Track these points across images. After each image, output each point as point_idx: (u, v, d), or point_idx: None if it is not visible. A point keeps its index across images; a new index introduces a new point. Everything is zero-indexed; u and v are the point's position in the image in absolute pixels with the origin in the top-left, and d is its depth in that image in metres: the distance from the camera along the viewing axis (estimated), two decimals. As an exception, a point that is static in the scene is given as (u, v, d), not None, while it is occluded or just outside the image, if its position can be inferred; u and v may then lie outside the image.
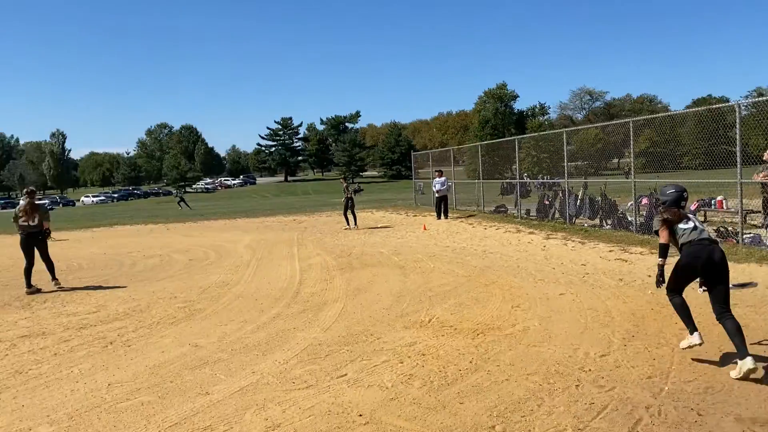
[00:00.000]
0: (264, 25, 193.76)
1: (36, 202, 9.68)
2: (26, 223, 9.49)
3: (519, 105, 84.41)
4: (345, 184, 18.23)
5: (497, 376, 4.63)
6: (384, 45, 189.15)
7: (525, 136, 25.23)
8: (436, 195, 19.36)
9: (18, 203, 12.19)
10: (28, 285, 9.47)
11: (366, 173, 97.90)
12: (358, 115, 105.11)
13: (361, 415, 3.97)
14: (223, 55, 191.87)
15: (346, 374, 4.82)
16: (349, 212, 17.78)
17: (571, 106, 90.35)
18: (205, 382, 4.79)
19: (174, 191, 56.59)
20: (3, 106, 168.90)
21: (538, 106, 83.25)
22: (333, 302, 7.64)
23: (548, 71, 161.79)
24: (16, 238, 10.21)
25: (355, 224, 17.58)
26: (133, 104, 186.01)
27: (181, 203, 40.00)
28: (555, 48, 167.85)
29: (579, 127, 21.37)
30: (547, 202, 16.67)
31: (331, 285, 8.86)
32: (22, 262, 9.70)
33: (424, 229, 16.40)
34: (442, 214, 19.08)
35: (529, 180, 19.61)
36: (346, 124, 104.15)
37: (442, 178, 19.28)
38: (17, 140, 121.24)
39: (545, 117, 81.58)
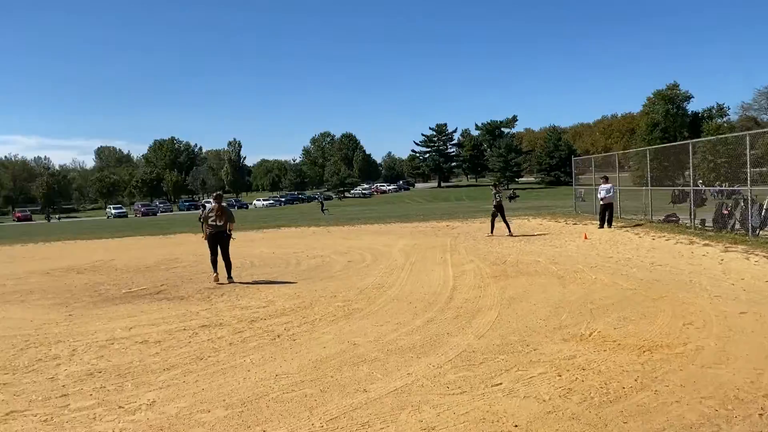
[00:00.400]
0: (419, 33, 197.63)
1: (223, 205, 10.89)
2: (214, 223, 10.72)
3: (693, 106, 77.76)
4: (495, 191, 17.72)
5: (666, 397, 4.26)
6: (540, 45, 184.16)
7: (701, 139, 23.08)
8: (601, 202, 18.37)
9: (203, 206, 13.82)
10: (215, 270, 10.86)
11: (521, 179, 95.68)
12: (514, 119, 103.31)
13: (516, 426, 3.86)
14: (380, 64, 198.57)
15: (501, 383, 4.72)
16: (498, 218, 17.47)
17: (756, 106, 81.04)
18: (362, 379, 4.96)
19: (318, 196, 58.31)
20: (191, 119, 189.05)
21: (715, 107, 75.91)
22: (487, 310, 7.54)
23: (727, 69, 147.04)
24: (200, 237, 11.35)
25: (509, 232, 17.16)
26: (300, 114, 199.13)
27: (324, 209, 40.89)
28: (734, 44, 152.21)
29: (765, 130, 19.08)
30: (726, 212, 15.11)
31: (485, 292, 8.75)
32: (205, 259, 10.75)
33: (585, 238, 15.62)
34: (606, 223, 18.06)
35: (704, 187, 17.92)
36: (502, 129, 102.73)
37: (608, 185, 18.26)
38: (200, 149, 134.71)
39: (724, 119, 74.05)
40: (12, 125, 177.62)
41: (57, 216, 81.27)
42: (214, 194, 11.37)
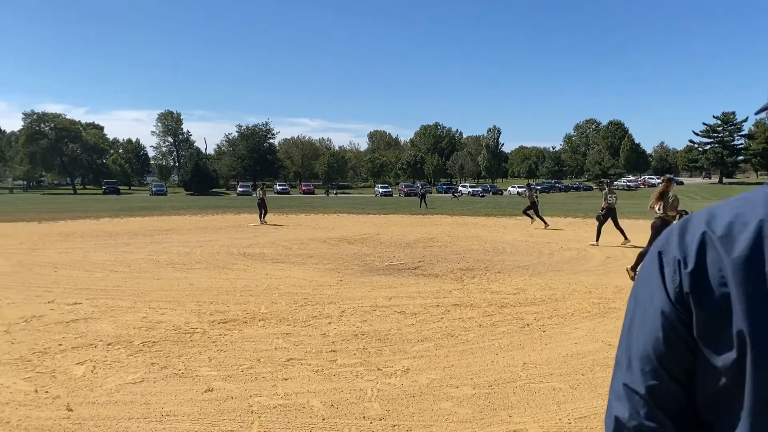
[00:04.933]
0: (705, 11, 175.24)
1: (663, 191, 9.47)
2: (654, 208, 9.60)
3: None
4: (606, 190, 14.77)
5: None
6: None
7: None
8: None
9: (457, 189, 14.05)
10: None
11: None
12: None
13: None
14: (653, 49, 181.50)
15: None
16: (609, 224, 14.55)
17: None
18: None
19: (419, 186, 51.46)
20: (454, 106, 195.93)
21: None
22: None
23: None
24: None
25: (625, 238, 14.27)
26: (564, 100, 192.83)
27: (422, 201, 36.00)
28: None
29: None
30: None
31: None
32: (457, 240, 11.02)
33: None
34: None
35: None
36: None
37: None
38: (461, 134, 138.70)
39: None
40: (302, 110, 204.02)
41: (334, 191, 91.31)
42: (665, 177, 9.95)
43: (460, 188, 78.15)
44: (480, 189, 78.68)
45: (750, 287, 0.86)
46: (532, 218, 19.92)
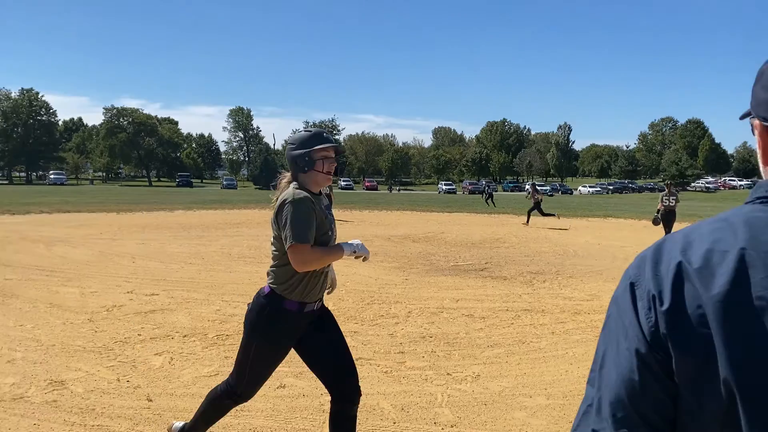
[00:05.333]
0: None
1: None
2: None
3: None
4: (666, 192, 14.12)
5: None
6: None
7: None
8: None
9: (525, 188, 13.99)
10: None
11: None
12: None
13: None
14: (736, 39, 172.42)
15: None
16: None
17: None
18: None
19: (484, 183, 49.60)
20: (522, 101, 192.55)
21: None
22: None
23: None
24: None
25: None
26: (639, 98, 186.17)
27: (489, 200, 35.08)
28: None
29: None
30: None
31: None
32: (527, 242, 10.79)
33: None
34: None
35: None
36: None
37: None
38: (529, 130, 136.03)
39: None
40: (367, 106, 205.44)
41: (397, 188, 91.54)
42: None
43: (527, 186, 76.77)
44: (548, 188, 76.97)
45: (732, 329, 0.75)
46: (546, 215, 20.47)
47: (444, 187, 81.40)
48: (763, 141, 0.91)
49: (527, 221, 20.83)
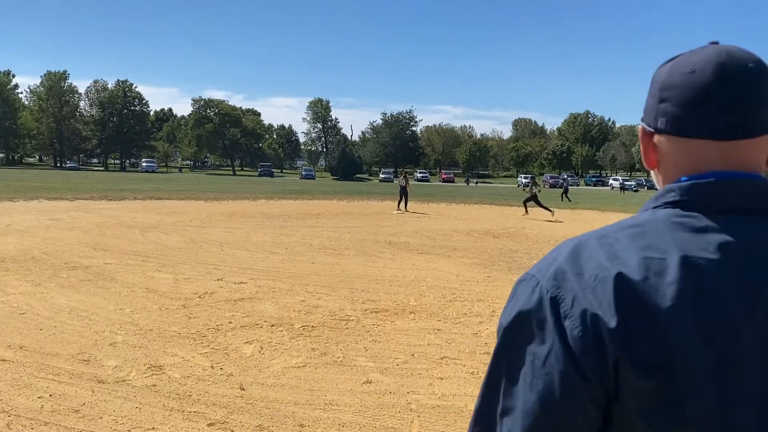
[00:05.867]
0: None
1: None
2: None
3: None
4: None
5: None
6: None
7: None
8: None
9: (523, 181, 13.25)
10: None
11: None
12: None
13: None
14: None
15: None
16: None
17: None
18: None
19: (562, 179, 46.58)
20: (607, 93, 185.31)
21: None
22: None
23: None
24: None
25: None
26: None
27: (564, 195, 33.44)
28: None
29: None
30: None
31: None
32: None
33: None
34: None
35: None
36: None
37: None
38: (613, 123, 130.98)
39: None
40: (445, 97, 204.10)
41: (474, 180, 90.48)
42: None
43: (611, 181, 73.93)
44: (633, 183, 73.85)
45: (694, 348, 0.66)
46: (549, 209, 21.14)
47: (524, 181, 79.63)
48: (644, 145, 0.87)
49: (525, 211, 21.85)
